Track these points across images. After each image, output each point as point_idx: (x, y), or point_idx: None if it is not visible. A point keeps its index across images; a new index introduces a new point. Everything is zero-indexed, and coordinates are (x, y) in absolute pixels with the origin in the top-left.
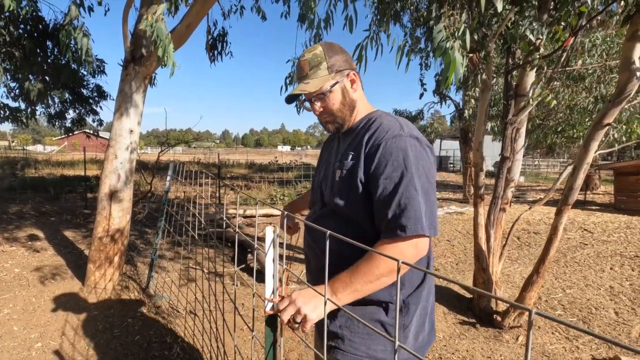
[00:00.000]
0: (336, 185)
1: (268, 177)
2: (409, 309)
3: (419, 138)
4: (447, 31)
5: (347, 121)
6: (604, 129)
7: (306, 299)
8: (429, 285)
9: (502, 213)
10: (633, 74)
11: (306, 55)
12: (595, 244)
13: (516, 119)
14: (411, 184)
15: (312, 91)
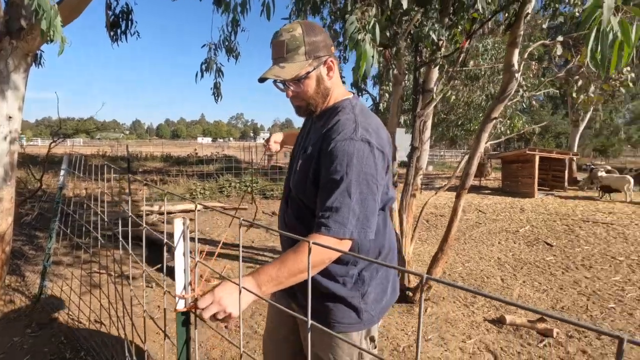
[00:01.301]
0: (296, 173)
1: (187, 170)
2: (364, 281)
3: (371, 143)
4: (359, 24)
5: (319, 107)
6: (491, 122)
7: (227, 293)
8: (390, 256)
9: (413, 199)
10: (513, 75)
11: (284, 35)
12: (488, 222)
13: (423, 112)
14: (347, 190)
15: (287, 78)
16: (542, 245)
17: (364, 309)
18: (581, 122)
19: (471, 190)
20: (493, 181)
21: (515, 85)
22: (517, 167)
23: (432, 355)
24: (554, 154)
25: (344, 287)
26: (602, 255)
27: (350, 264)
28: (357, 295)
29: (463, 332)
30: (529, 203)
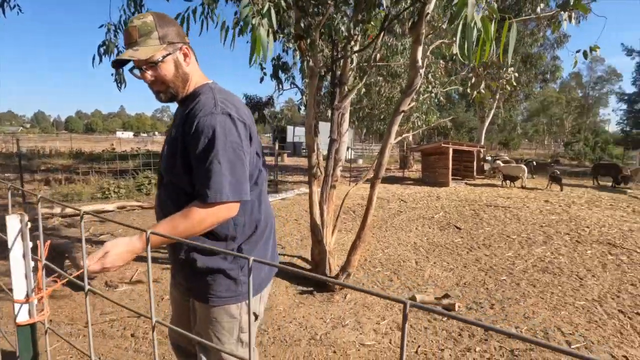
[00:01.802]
0: (165, 159)
1: (101, 168)
2: (242, 253)
3: (232, 115)
4: (255, 7)
5: (179, 93)
6: (400, 115)
7: (113, 245)
8: (267, 232)
9: (333, 190)
10: (417, 71)
11: (135, 22)
12: (408, 210)
13: (341, 105)
14: (216, 158)
15: (143, 58)
16: (452, 229)
17: (242, 281)
18: (486, 118)
19: (395, 181)
20: (415, 172)
21: (420, 81)
22: (435, 159)
23: (348, 339)
24: (465, 146)
25: (224, 261)
26: (499, 235)
27: (229, 239)
28: (236, 267)
29: (378, 315)
30: (444, 191)
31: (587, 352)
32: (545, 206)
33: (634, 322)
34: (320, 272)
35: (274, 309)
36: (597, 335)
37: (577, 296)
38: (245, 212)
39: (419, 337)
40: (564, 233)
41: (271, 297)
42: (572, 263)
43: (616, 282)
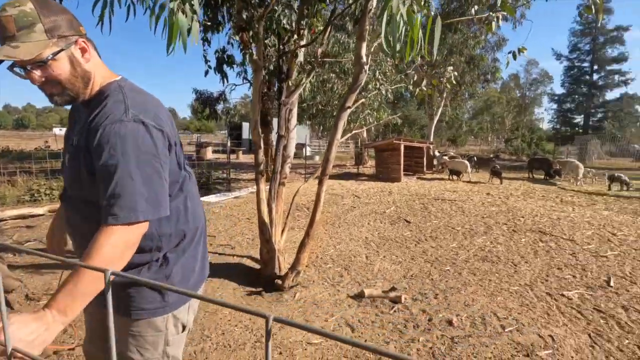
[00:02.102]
0: (68, 170)
1: (30, 167)
2: (168, 262)
3: (145, 122)
4: None
5: (80, 95)
6: (346, 111)
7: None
8: (196, 237)
9: (282, 187)
10: (362, 67)
11: (9, 10)
12: (361, 206)
13: (288, 100)
14: (126, 172)
15: (26, 59)
16: (402, 222)
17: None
18: (435, 116)
19: (350, 177)
20: (370, 168)
21: (365, 77)
22: (387, 155)
23: (295, 339)
24: (415, 143)
25: (147, 272)
26: (445, 227)
27: (154, 250)
28: (161, 277)
29: (327, 312)
30: (396, 186)
31: (519, 334)
32: (487, 198)
33: (559, 303)
34: (269, 272)
35: (219, 313)
36: (528, 318)
37: (511, 282)
38: (171, 222)
39: (366, 332)
40: (502, 223)
41: None
42: (509, 251)
43: (545, 267)
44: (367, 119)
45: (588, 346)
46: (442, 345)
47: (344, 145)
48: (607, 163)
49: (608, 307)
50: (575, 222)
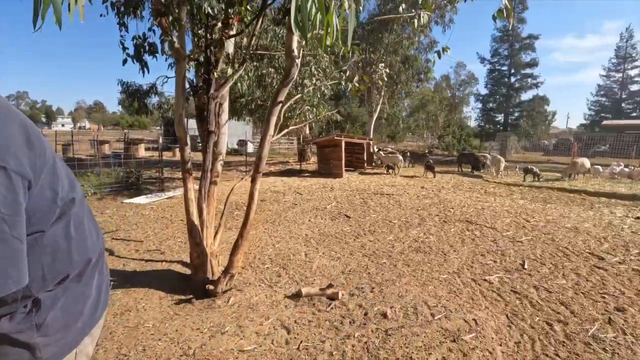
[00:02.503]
0: None
1: None
2: (40, 307)
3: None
4: None
5: None
6: (279, 106)
7: None
8: (88, 271)
9: (214, 186)
10: (294, 61)
11: None
12: (303, 202)
13: (218, 94)
14: None
15: None
16: (342, 218)
17: (41, 344)
18: (374, 113)
19: (293, 174)
20: (312, 165)
21: (297, 71)
22: (329, 151)
23: (226, 347)
24: (356, 139)
25: (8, 322)
26: (383, 221)
27: (21, 299)
28: (28, 327)
29: (262, 315)
30: (337, 182)
31: (447, 321)
32: (422, 192)
33: (482, 288)
34: (201, 277)
35: (141, 327)
36: (455, 304)
37: (441, 270)
38: (43, 263)
39: (302, 333)
40: (435, 215)
41: (139, 313)
42: (440, 241)
43: (471, 255)
44: (307, 115)
45: (506, 326)
46: (376, 339)
47: (288, 142)
48: (522, 157)
49: (522, 288)
50: (497, 211)
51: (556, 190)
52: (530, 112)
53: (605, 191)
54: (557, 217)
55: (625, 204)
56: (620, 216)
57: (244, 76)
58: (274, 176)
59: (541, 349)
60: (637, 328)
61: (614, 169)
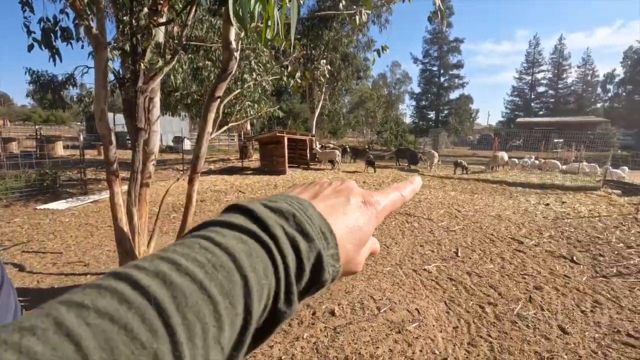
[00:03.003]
0: None
1: None
2: None
3: None
4: None
5: None
6: (216, 101)
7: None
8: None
9: (145, 188)
10: (232, 54)
11: None
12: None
13: (147, 87)
14: None
15: None
16: None
17: None
18: (316, 109)
19: (235, 172)
20: (255, 162)
21: (236, 64)
22: (272, 147)
23: None
24: (298, 135)
25: None
26: None
27: None
28: None
29: None
30: (281, 179)
31: (392, 313)
32: (363, 186)
33: (422, 278)
34: None
35: None
36: (399, 295)
37: (385, 263)
38: None
39: None
40: None
41: None
42: (382, 234)
43: (411, 246)
44: (248, 111)
45: (445, 312)
46: (325, 338)
47: (229, 138)
48: (452, 151)
49: (457, 274)
50: (432, 203)
51: (481, 181)
52: (457, 110)
53: (521, 181)
54: (483, 207)
55: (537, 192)
56: (533, 203)
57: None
58: (214, 174)
59: (476, 331)
60: (552, 304)
61: (526, 162)
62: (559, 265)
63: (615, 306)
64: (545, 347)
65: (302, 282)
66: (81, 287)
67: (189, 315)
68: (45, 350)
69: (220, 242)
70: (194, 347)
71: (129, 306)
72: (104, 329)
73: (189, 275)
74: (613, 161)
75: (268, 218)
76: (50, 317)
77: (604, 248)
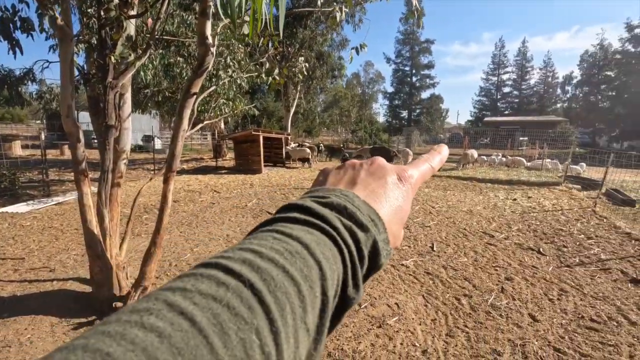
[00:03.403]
0: None
1: None
2: None
3: None
4: None
5: None
6: (192, 97)
7: None
8: None
9: (117, 189)
10: (208, 49)
11: None
12: (221, 201)
13: (117, 82)
14: None
15: None
16: (264, 214)
17: None
18: (291, 108)
19: (209, 171)
20: (230, 161)
21: (212, 60)
22: (247, 146)
23: None
24: (274, 133)
25: None
26: None
27: None
28: None
29: None
30: (257, 178)
31: (372, 308)
32: None
33: (400, 272)
34: (106, 293)
35: None
36: (379, 291)
37: None
38: None
39: None
40: None
41: (23, 348)
42: None
43: None
44: (223, 109)
45: (423, 306)
46: None
47: (202, 137)
48: (424, 149)
49: (434, 268)
50: None
51: (453, 178)
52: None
53: (490, 178)
54: (456, 202)
55: (505, 188)
56: (502, 199)
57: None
58: (187, 174)
59: (453, 323)
60: (522, 293)
61: (494, 159)
62: (527, 256)
63: (579, 293)
64: (518, 334)
65: (363, 268)
66: (176, 277)
67: (279, 294)
68: (166, 326)
69: (291, 234)
70: (286, 325)
71: (227, 288)
72: (210, 307)
73: (272, 261)
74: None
75: (325, 212)
76: (160, 300)
77: (567, 239)
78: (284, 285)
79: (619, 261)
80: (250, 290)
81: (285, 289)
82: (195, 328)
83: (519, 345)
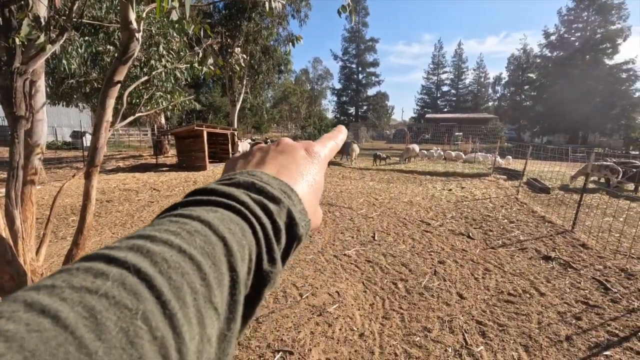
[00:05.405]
0: None
1: None
2: None
3: None
4: None
5: None
6: (116, 86)
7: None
8: None
9: (31, 187)
10: (133, 34)
11: None
12: (161, 200)
13: (26, 67)
14: None
15: None
16: None
17: None
18: (237, 102)
19: (148, 169)
20: (171, 158)
21: (138, 46)
22: (190, 142)
23: None
24: (219, 129)
25: None
26: None
27: None
28: None
29: None
30: (202, 175)
31: (314, 298)
32: None
33: (342, 262)
34: None
35: None
36: (320, 281)
37: (307, 252)
38: None
39: None
40: None
41: None
42: None
43: (332, 233)
44: (160, 102)
45: (362, 292)
46: (247, 330)
47: (141, 133)
48: (371, 145)
49: (374, 256)
50: (352, 193)
51: (396, 171)
52: (375, 106)
53: (429, 170)
54: (397, 194)
55: (442, 180)
56: (439, 189)
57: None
58: (123, 172)
59: (389, 306)
60: (452, 275)
61: (432, 153)
62: (458, 241)
63: (500, 272)
64: (446, 312)
65: (281, 242)
66: (50, 274)
67: (173, 275)
68: (19, 328)
69: (191, 214)
70: (184, 306)
71: (106, 277)
72: (81, 300)
73: (165, 243)
74: (500, 151)
75: (231, 190)
76: (19, 301)
77: (492, 224)
78: (180, 265)
79: (534, 241)
80: (136, 276)
81: (182, 269)
82: (58, 325)
83: (447, 321)
